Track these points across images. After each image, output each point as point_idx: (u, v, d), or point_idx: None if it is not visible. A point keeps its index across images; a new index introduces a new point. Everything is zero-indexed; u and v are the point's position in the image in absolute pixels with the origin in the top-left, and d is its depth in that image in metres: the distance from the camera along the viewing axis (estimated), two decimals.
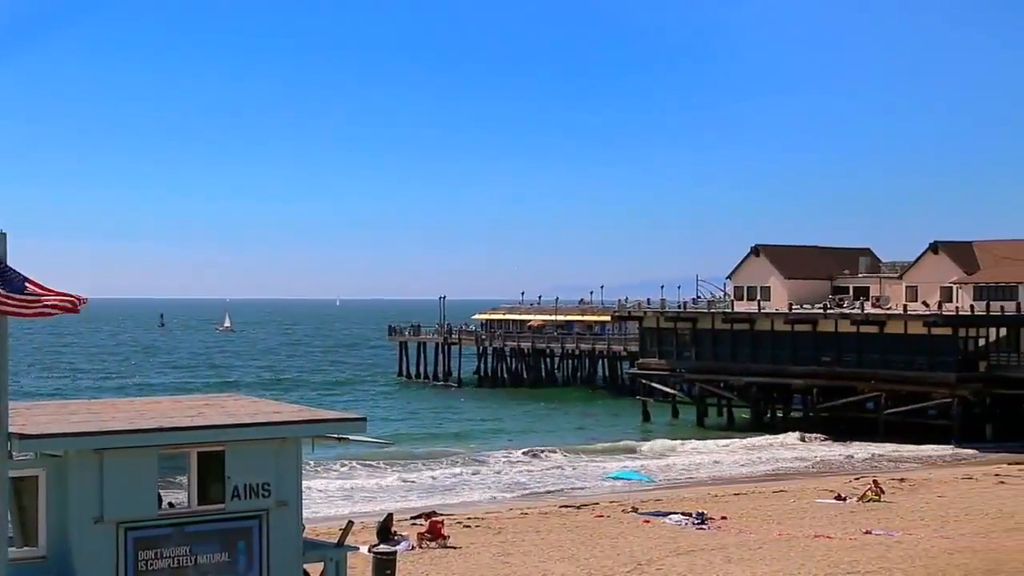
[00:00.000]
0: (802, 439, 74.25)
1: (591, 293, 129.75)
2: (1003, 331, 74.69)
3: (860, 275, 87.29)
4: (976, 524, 37.00)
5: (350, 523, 20.38)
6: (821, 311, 78.96)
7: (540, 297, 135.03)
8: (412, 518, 40.77)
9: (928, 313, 74.65)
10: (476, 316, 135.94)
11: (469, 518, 41.04)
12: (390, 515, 36.30)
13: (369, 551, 28.73)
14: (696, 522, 38.02)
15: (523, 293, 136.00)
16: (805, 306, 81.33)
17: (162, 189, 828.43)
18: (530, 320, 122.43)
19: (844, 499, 44.51)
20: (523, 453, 68.04)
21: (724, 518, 39.26)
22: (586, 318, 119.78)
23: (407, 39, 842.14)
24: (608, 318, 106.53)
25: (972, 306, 75.08)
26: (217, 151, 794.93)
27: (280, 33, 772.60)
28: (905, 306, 77.28)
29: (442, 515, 40.61)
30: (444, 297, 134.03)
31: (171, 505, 16.41)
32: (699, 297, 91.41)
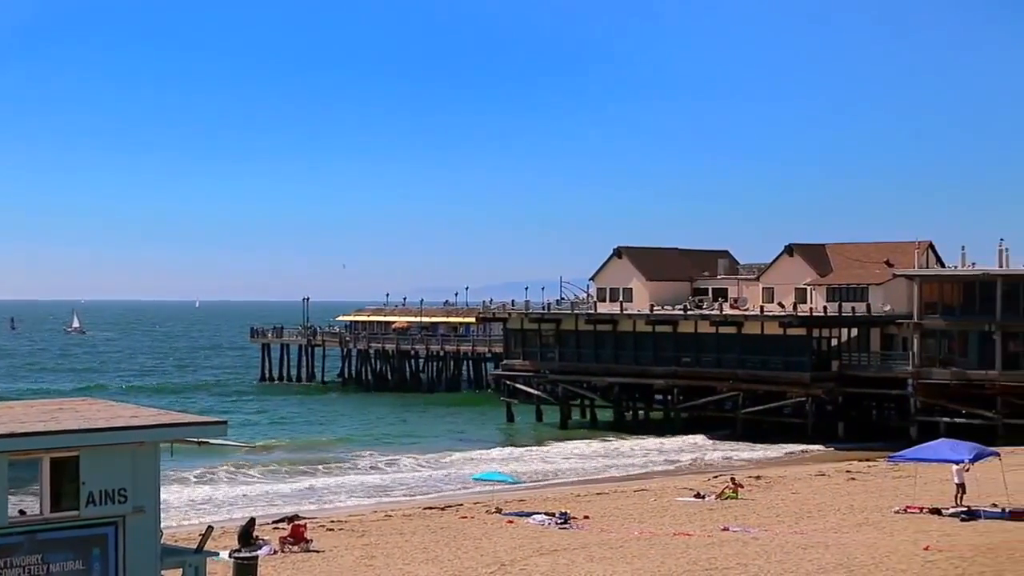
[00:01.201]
0: (662, 440, 75.40)
1: (456, 295, 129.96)
2: (854, 331, 77.00)
3: (719, 277, 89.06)
4: (828, 520, 38.03)
5: (209, 528, 20.07)
6: (681, 312, 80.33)
7: (405, 299, 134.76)
8: (274, 522, 40.32)
9: (783, 314, 76.51)
10: (340, 317, 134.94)
11: (332, 521, 40.76)
12: (252, 520, 35.82)
13: (230, 556, 28.31)
14: (559, 522, 38.35)
15: (388, 295, 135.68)
16: (666, 307, 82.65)
17: (9, 187, 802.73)
18: (395, 322, 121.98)
19: (703, 497, 45.33)
20: (387, 455, 67.83)
21: (587, 517, 39.67)
22: (451, 319, 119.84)
23: (268, 42, 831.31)
24: (473, 319, 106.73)
25: (825, 307, 77.16)
26: (69, 147, 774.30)
27: (142, 35, 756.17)
28: (762, 307, 79.08)
29: (305, 519, 40.24)
30: (308, 299, 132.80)
31: (22, 513, 15.97)
32: (563, 298, 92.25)
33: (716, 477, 53.15)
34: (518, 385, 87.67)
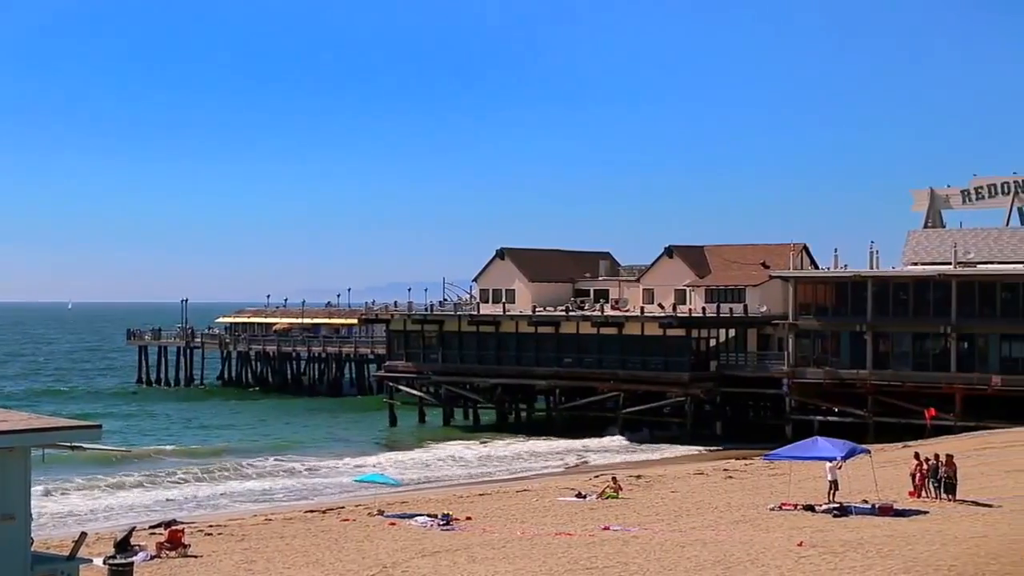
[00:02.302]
0: (544, 441, 75.85)
1: (338, 296, 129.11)
2: (732, 332, 78.42)
3: (600, 278, 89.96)
4: (706, 518, 38.61)
5: (83, 535, 19.65)
6: (563, 313, 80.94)
7: (286, 300, 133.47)
8: (151, 527, 39.57)
9: (663, 315, 77.58)
10: (220, 319, 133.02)
11: (211, 526, 40.12)
12: (132, 528, 35.18)
13: (104, 563, 27.73)
14: (441, 523, 38.32)
15: (269, 296, 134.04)
16: (548, 308, 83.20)
17: None
18: (276, 323, 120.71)
19: (584, 496, 45.65)
20: (269, 459, 67.06)
21: (469, 518, 39.71)
22: (333, 321, 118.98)
23: (136, 36, 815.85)
24: (355, 321, 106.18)
25: (704, 308, 78.42)
26: None
27: None
28: (642, 308, 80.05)
29: (183, 523, 39.56)
30: (186, 300, 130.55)
31: None
32: (446, 300, 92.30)
33: (597, 477, 53.57)
34: (401, 387, 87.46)
